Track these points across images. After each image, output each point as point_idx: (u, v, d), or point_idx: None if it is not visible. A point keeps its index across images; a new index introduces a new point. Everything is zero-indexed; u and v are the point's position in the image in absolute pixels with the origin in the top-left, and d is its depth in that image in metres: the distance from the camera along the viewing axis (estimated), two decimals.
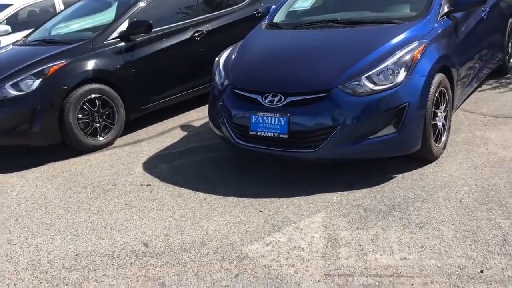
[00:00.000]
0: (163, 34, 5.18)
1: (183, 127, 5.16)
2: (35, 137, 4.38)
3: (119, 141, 4.88)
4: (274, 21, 4.46)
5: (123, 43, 4.86)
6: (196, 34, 5.45)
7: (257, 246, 2.80)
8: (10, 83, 4.34)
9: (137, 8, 5.05)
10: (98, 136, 4.66)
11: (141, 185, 3.82)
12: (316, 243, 2.75)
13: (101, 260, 2.82)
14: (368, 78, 3.30)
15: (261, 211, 3.20)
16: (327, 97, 3.29)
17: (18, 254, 2.98)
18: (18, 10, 7.12)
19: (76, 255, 2.90)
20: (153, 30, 5.00)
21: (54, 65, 4.41)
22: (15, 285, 2.66)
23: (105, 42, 4.77)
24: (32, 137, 4.38)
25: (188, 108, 5.66)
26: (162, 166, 4.17)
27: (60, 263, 2.83)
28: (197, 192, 3.58)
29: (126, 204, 3.51)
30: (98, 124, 4.65)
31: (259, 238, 2.88)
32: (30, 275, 2.74)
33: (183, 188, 3.67)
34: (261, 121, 3.46)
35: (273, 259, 2.65)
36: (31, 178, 4.18)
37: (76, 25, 5.61)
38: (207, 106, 5.68)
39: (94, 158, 4.52)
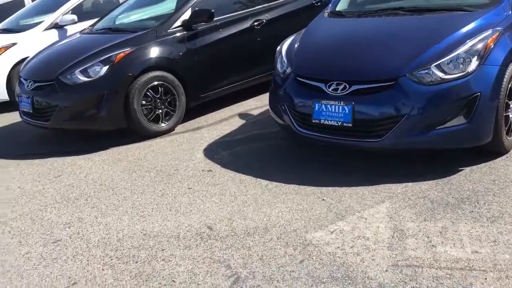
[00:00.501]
0: (223, 23, 5.23)
1: (241, 115, 5.20)
2: (102, 122, 4.55)
3: (179, 128, 4.99)
4: (337, 9, 4.40)
5: (185, 32, 4.95)
6: (256, 23, 5.46)
7: (321, 234, 2.79)
8: (80, 69, 4.53)
9: None
10: (160, 123, 4.79)
11: (202, 170, 3.89)
12: (382, 233, 2.71)
13: (167, 241, 2.90)
14: (438, 66, 3.19)
15: (323, 200, 3.18)
16: (394, 85, 3.22)
17: (89, 232, 3.12)
18: (83, 1, 7.39)
19: (144, 235, 3.00)
20: (214, 19, 5.05)
21: (121, 53, 4.56)
22: (87, 260, 2.79)
23: (168, 31, 4.87)
24: (99, 122, 4.55)
25: (246, 97, 5.70)
26: (222, 152, 4.22)
27: (129, 242, 2.94)
28: (258, 179, 3.60)
29: (189, 188, 3.59)
30: (160, 111, 4.77)
31: (323, 226, 2.87)
32: (101, 252, 2.86)
33: (244, 175, 3.71)
34: (324, 109, 3.43)
35: (338, 247, 2.64)
36: (98, 161, 4.35)
37: (139, 14, 5.77)
38: (264, 95, 5.76)
39: (156, 143, 4.64)
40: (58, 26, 6.89)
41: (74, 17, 6.85)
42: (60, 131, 4.90)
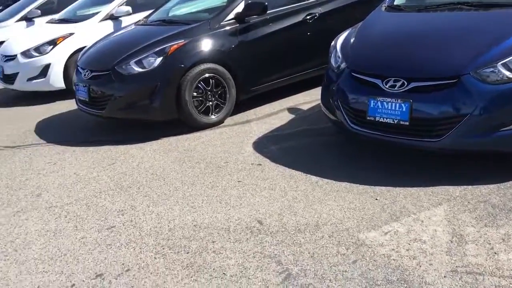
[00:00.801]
0: (276, 16, 5.19)
1: (291, 110, 5.15)
2: (154, 112, 4.63)
3: (228, 121, 5.00)
4: (396, 3, 4.26)
5: (238, 25, 4.94)
6: (308, 17, 5.39)
7: (374, 234, 2.71)
8: (134, 60, 4.61)
9: None
10: (210, 115, 4.81)
11: (252, 164, 3.88)
12: (439, 237, 2.61)
13: (218, 233, 2.91)
14: (505, 65, 3.03)
15: (376, 199, 3.10)
16: (456, 83, 3.08)
17: (141, 220, 3.17)
18: None
19: (195, 226, 3.02)
20: (267, 12, 5.01)
21: (174, 44, 4.61)
22: (140, 248, 2.84)
23: (221, 23, 4.88)
24: (151, 112, 4.63)
25: (295, 91, 5.64)
26: (271, 147, 4.20)
27: (180, 232, 2.97)
28: (308, 175, 3.56)
29: (238, 182, 3.58)
30: (210, 103, 4.79)
31: (376, 226, 2.80)
32: (153, 240, 2.90)
33: (293, 170, 3.67)
34: (380, 106, 3.33)
35: (393, 249, 2.56)
36: (149, 150, 4.43)
37: (192, 7, 5.82)
38: (313, 90, 5.69)
39: (205, 135, 4.68)
40: (113, 17, 7.05)
41: (129, 8, 6.99)
42: (113, 120, 5.01)
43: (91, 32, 6.82)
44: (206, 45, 4.74)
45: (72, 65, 6.62)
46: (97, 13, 7.18)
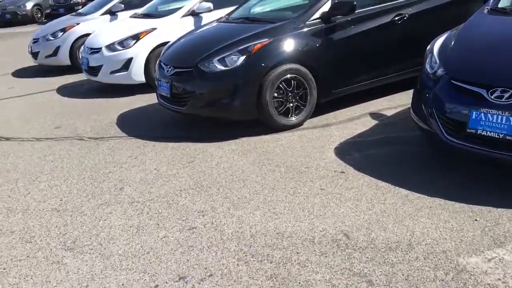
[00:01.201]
0: (363, 16, 4.97)
1: (373, 115, 4.92)
2: (235, 111, 4.58)
3: (307, 123, 4.86)
4: (500, 5, 3.92)
5: (323, 24, 4.77)
6: (397, 18, 5.11)
7: (476, 260, 2.48)
8: (217, 58, 4.57)
9: None
10: (289, 116, 4.69)
11: (334, 171, 3.72)
12: None
13: (302, 244, 2.78)
14: None
15: (476, 220, 2.84)
16: None
17: (222, 223, 3.12)
18: None
19: (277, 234, 2.92)
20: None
21: (258, 43, 4.53)
22: (222, 253, 2.78)
23: (306, 23, 4.73)
24: (231, 111, 4.58)
25: (376, 95, 5.39)
26: (354, 154, 4.01)
27: (263, 239, 2.87)
28: (396, 187, 3.34)
29: (321, 189, 3.44)
30: (291, 104, 4.67)
31: (478, 251, 2.55)
32: (235, 246, 2.83)
33: (380, 181, 3.47)
34: (483, 119, 3.06)
35: (499, 279, 2.32)
36: (227, 150, 4.39)
37: (274, 5, 5.72)
38: (396, 95, 5.41)
39: (284, 137, 4.56)
40: (194, 13, 7.11)
41: (210, 5, 7.01)
42: (191, 117, 5.03)
43: (172, 28, 6.91)
44: (290, 45, 4.62)
45: (153, 60, 6.75)
46: (178, 8, 7.28)
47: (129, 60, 6.78)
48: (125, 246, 2.95)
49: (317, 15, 4.77)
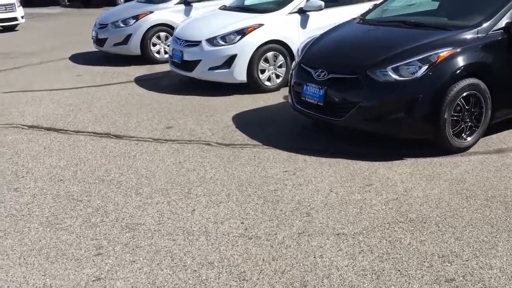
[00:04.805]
0: None
1: None
2: (408, 128, 4.00)
3: (475, 146, 4.27)
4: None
5: (506, 35, 4.17)
6: None
7: None
8: (391, 66, 3.98)
9: None
10: (461, 138, 4.12)
11: None
12: None
13: None
14: None
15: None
16: None
17: (483, 275, 2.53)
18: None
19: None
20: None
21: (443, 52, 3.94)
22: None
23: (489, 33, 4.15)
24: (404, 128, 4.00)
25: None
26: None
27: None
28: None
29: None
30: (465, 124, 4.10)
31: None
32: None
33: None
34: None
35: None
36: (403, 173, 3.78)
37: (423, 7, 5.14)
38: None
39: (461, 162, 3.97)
40: (301, 11, 6.51)
41: (321, 3, 6.40)
42: (344, 130, 4.43)
43: (279, 25, 6.34)
44: (473, 56, 4.04)
45: (257, 58, 6.17)
46: (280, 3, 6.68)
47: (233, 57, 6.17)
48: None
49: (502, 24, 4.18)
